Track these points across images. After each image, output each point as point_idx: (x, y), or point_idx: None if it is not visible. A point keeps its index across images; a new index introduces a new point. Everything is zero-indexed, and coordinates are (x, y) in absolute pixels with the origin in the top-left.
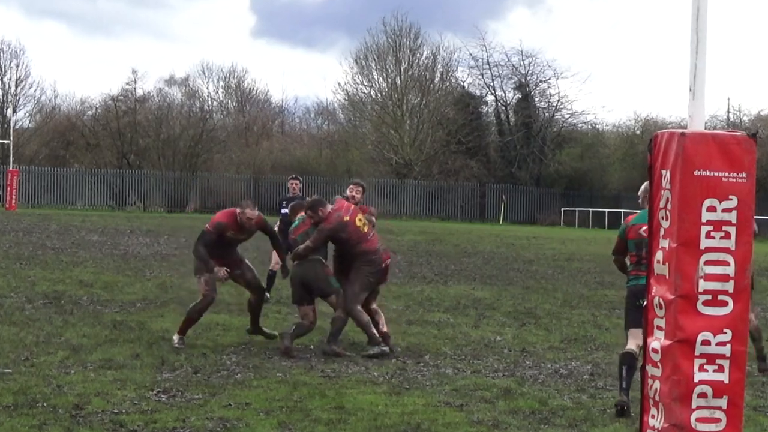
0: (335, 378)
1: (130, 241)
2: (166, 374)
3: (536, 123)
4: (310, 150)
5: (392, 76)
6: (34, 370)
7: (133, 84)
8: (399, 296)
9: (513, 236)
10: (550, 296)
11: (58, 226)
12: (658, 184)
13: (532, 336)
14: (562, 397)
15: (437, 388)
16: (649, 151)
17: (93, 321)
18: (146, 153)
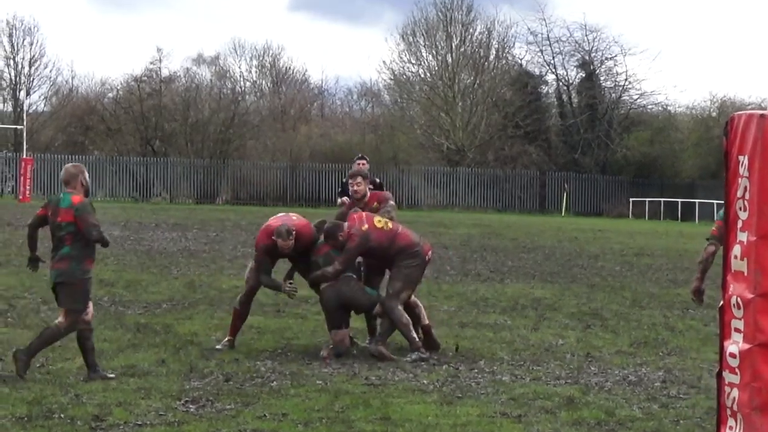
0: (380, 386)
1: (155, 236)
2: (195, 382)
3: (602, 104)
4: (353, 135)
5: (443, 53)
6: (50, 378)
7: (158, 63)
8: (451, 296)
9: (576, 229)
10: (617, 295)
11: None
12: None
13: (598, 339)
14: (630, 407)
15: (493, 397)
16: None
17: (114, 324)
18: (172, 139)
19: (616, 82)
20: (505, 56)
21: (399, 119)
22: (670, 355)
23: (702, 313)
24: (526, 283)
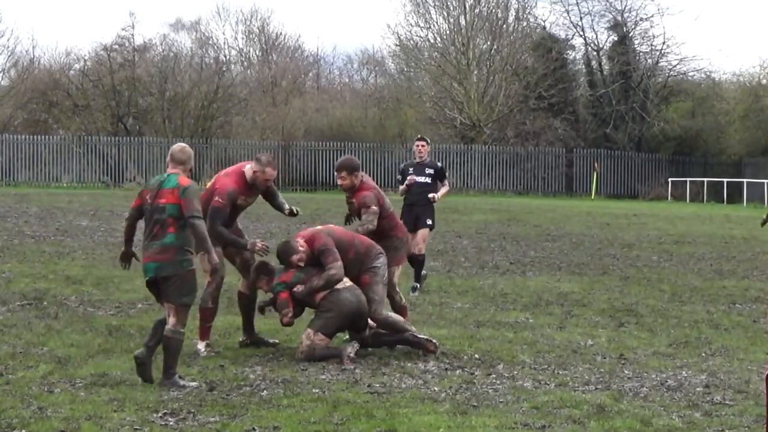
0: (385, 394)
1: None
2: (174, 392)
3: (636, 72)
4: (353, 109)
5: (455, 15)
6: (9, 389)
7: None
8: (465, 291)
9: (608, 214)
10: (654, 289)
11: (38, 209)
12: None
13: (633, 339)
14: (669, 416)
15: (513, 406)
16: None
17: (83, 326)
18: (148, 116)
19: (653, 46)
20: (527, 18)
21: (406, 90)
22: (714, 356)
23: (750, 308)
24: (551, 276)
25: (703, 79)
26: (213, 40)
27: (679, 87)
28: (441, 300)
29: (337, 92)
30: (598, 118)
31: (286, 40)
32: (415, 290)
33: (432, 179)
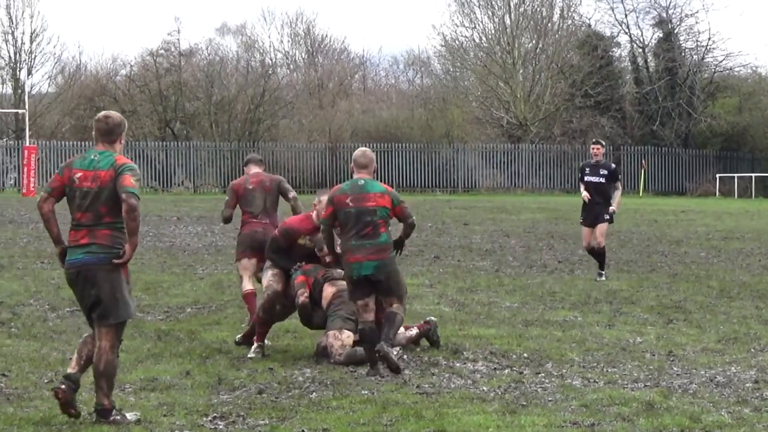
0: (434, 395)
1: (177, 231)
2: (224, 395)
3: (682, 68)
4: (400, 110)
5: (500, 14)
6: None
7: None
8: (513, 290)
9: (656, 211)
10: (703, 285)
11: None
12: None
13: (681, 336)
14: (718, 412)
15: (562, 405)
16: None
17: (132, 331)
18: (195, 120)
19: (698, 42)
20: (571, 16)
21: (452, 91)
22: (763, 351)
23: None
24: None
25: (749, 74)
26: (259, 44)
27: (725, 83)
28: (489, 299)
29: (383, 93)
30: (644, 115)
31: (332, 42)
32: (601, 276)
33: (606, 179)
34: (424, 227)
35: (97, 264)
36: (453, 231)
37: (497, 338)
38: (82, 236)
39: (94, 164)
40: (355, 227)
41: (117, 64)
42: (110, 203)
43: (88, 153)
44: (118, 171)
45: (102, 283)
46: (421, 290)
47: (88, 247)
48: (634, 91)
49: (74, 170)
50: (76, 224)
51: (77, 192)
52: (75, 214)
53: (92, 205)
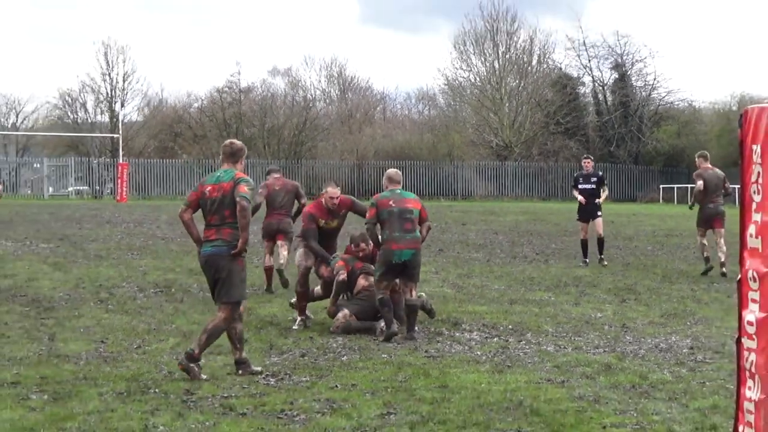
0: (439, 358)
1: None
2: (275, 358)
3: (633, 102)
4: (412, 135)
5: (490, 59)
6: (146, 357)
7: (237, 75)
8: (501, 276)
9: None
10: (649, 272)
11: (167, 217)
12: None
13: (632, 312)
14: (662, 371)
15: (539, 365)
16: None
17: (203, 308)
18: (252, 142)
19: (646, 82)
20: (546, 61)
21: (453, 120)
22: (696, 324)
23: (725, 286)
24: (567, 263)
25: (686, 107)
26: (301, 83)
27: (667, 113)
28: (482, 283)
29: (399, 122)
30: (603, 139)
31: (359, 81)
32: (602, 260)
33: (596, 185)
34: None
35: (220, 254)
36: (453, 229)
37: (488, 313)
38: (212, 234)
39: (220, 179)
40: (398, 222)
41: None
42: (231, 207)
43: (216, 172)
44: (236, 182)
45: (223, 270)
46: (428, 276)
47: (215, 241)
48: (595, 120)
49: (206, 185)
50: (208, 225)
51: (208, 201)
52: (207, 217)
53: (218, 210)
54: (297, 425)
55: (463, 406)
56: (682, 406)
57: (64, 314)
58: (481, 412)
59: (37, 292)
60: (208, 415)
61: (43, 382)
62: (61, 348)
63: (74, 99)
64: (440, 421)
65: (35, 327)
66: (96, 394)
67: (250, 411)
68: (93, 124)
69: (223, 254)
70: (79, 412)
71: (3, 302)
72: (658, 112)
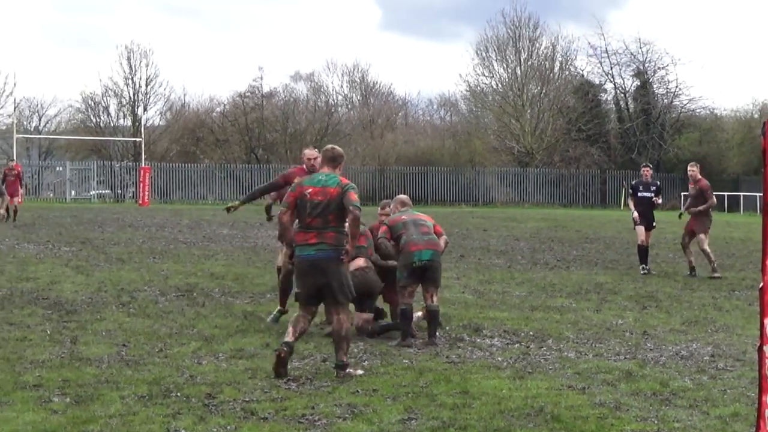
0: (460, 363)
1: (259, 234)
2: (296, 363)
3: (655, 109)
4: (434, 141)
5: (512, 66)
6: (167, 361)
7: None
8: (522, 282)
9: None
10: (670, 279)
11: (189, 221)
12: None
13: (653, 319)
14: (682, 379)
15: (560, 372)
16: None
17: (224, 312)
18: (274, 147)
19: (668, 89)
20: (568, 68)
21: (474, 126)
22: (718, 332)
23: (746, 294)
24: (589, 270)
25: (707, 114)
26: (324, 88)
27: (688, 121)
28: (503, 289)
29: (421, 128)
30: (625, 146)
31: (381, 87)
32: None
33: (654, 194)
34: (452, 233)
35: (327, 259)
36: (474, 236)
37: (509, 320)
38: (312, 237)
39: (323, 183)
40: (414, 228)
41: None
42: (336, 212)
43: (316, 175)
44: (344, 189)
45: (332, 274)
46: (450, 282)
47: (318, 245)
48: (617, 127)
49: (305, 187)
50: (306, 227)
51: (308, 203)
52: (305, 219)
53: (322, 214)
54: (318, 430)
55: (484, 412)
56: (703, 413)
57: (86, 317)
58: (502, 418)
59: (59, 296)
60: (230, 419)
61: (65, 385)
62: (83, 351)
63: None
64: (461, 427)
65: (57, 330)
66: (118, 397)
67: (272, 415)
68: (115, 128)
69: (330, 258)
70: (100, 415)
71: (25, 305)
72: (679, 120)
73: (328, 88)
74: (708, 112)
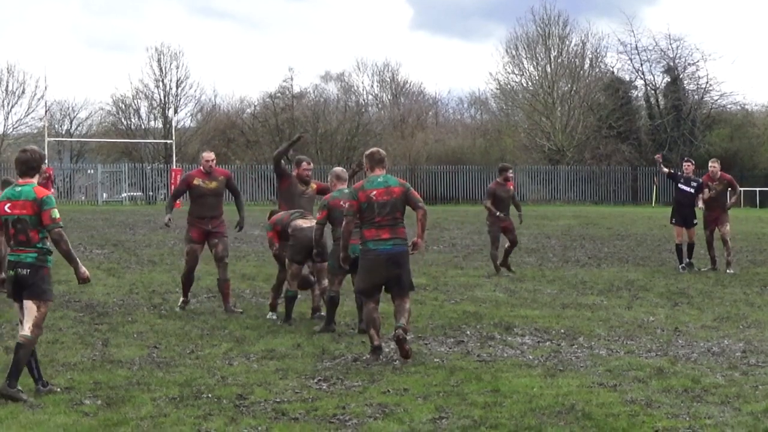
0: (491, 362)
1: None
2: (327, 363)
3: (686, 105)
4: (464, 140)
5: (542, 64)
6: (199, 362)
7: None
8: (553, 280)
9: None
10: (702, 276)
11: None
12: None
13: (685, 315)
14: (714, 375)
15: (591, 369)
16: None
17: (255, 313)
18: (304, 148)
19: (699, 85)
20: (599, 65)
21: (505, 124)
22: (749, 328)
23: None
24: (620, 267)
25: (738, 110)
26: (354, 88)
27: (719, 117)
28: (534, 287)
29: (451, 127)
30: (656, 143)
31: (411, 86)
32: (691, 266)
33: (695, 190)
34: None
35: (403, 252)
36: None
37: (540, 318)
38: (384, 233)
39: (384, 184)
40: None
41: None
42: (402, 208)
43: (374, 178)
44: (406, 188)
45: (405, 265)
46: (481, 280)
47: (394, 240)
48: (647, 124)
49: (369, 191)
50: (376, 225)
51: (375, 204)
52: (374, 218)
53: (391, 212)
54: (349, 430)
55: (515, 410)
56: (735, 409)
57: (118, 320)
58: (533, 416)
59: (90, 298)
60: (261, 420)
61: (96, 387)
62: (115, 353)
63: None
64: (492, 426)
65: (89, 332)
66: (149, 399)
67: (302, 415)
68: (146, 130)
69: (404, 252)
70: (132, 417)
71: (57, 308)
72: (710, 116)
73: (358, 88)
74: (739, 107)
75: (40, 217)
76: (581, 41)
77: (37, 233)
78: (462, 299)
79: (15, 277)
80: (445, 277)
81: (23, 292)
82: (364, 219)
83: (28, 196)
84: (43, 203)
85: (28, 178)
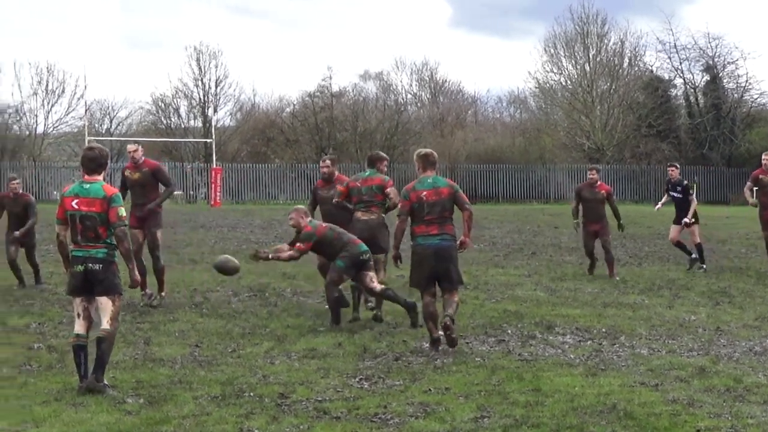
0: (532, 361)
1: None
2: (368, 362)
3: (725, 104)
4: (504, 138)
5: (581, 62)
6: (240, 361)
7: (329, 80)
8: (594, 279)
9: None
10: (743, 275)
11: (261, 221)
12: None
13: (726, 315)
14: (756, 375)
15: (633, 369)
16: None
17: (297, 311)
18: (344, 147)
19: (738, 84)
20: (637, 63)
21: (544, 123)
22: None
23: None
24: (661, 266)
25: None
26: (393, 87)
27: (759, 115)
28: (575, 286)
29: (490, 125)
30: (696, 142)
31: (450, 85)
32: (698, 266)
33: (682, 194)
34: (524, 230)
35: (451, 247)
36: (546, 233)
37: (581, 317)
38: (433, 229)
39: (433, 185)
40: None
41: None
42: (450, 208)
43: (424, 179)
44: (454, 189)
45: (453, 260)
46: (522, 279)
47: (442, 235)
48: (687, 123)
49: (419, 191)
50: (427, 222)
51: (425, 204)
52: (424, 216)
53: (440, 211)
54: (390, 428)
55: (556, 409)
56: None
57: (159, 318)
58: (575, 415)
59: (132, 297)
60: (302, 419)
61: (138, 386)
62: (157, 352)
63: (167, 104)
64: (534, 425)
65: (131, 331)
66: (191, 397)
67: (344, 414)
68: (186, 129)
69: (452, 246)
70: (174, 415)
71: None
72: (750, 114)
73: (397, 87)
74: None
75: (108, 214)
76: (620, 40)
77: (105, 230)
78: (503, 298)
79: (85, 272)
80: (486, 276)
81: (95, 288)
82: (415, 217)
83: (98, 194)
84: (112, 201)
85: (96, 175)
